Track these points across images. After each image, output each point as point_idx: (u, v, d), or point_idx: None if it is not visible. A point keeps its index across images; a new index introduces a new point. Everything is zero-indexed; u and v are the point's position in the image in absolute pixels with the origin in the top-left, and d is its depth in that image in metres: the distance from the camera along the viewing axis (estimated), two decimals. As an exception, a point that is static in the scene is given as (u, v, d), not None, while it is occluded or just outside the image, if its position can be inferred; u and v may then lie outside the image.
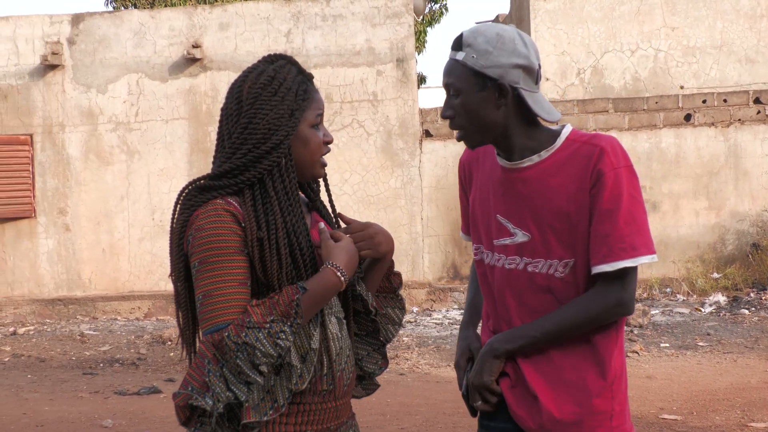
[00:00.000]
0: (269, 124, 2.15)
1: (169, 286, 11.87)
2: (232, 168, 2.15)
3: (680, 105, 11.83)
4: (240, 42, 12.04)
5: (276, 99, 2.17)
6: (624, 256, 2.25)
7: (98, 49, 12.09)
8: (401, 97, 11.96)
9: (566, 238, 2.31)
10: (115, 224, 12.05)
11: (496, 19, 15.74)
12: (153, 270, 12.02)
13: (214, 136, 11.93)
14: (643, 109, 11.83)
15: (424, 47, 23.10)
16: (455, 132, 2.37)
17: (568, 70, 12.43)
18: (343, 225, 2.34)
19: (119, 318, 11.72)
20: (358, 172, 11.93)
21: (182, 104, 12.05)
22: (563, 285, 2.33)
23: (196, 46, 11.93)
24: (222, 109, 2.24)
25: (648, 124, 11.83)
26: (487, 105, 2.30)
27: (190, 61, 12.01)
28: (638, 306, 9.93)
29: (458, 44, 2.33)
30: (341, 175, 11.83)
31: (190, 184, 2.20)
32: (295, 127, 2.17)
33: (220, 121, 2.23)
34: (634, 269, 2.29)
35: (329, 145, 2.27)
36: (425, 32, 22.82)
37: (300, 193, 2.32)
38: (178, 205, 2.20)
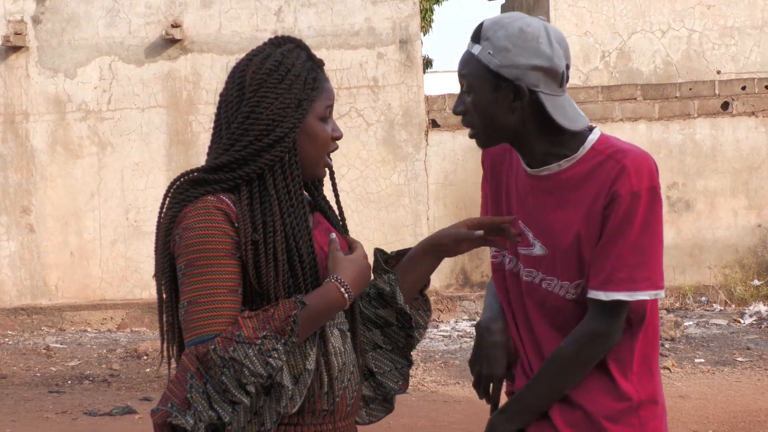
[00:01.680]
0: (274, 114, 2.16)
1: (145, 294, 11.87)
2: (230, 161, 2.15)
3: (717, 92, 11.83)
4: (225, 21, 12.04)
5: (282, 87, 2.17)
6: (622, 287, 2.27)
7: (66, 28, 12.10)
8: (405, 82, 11.96)
9: (577, 260, 2.33)
10: (84, 224, 12.06)
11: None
12: (127, 276, 12.03)
13: (195, 127, 11.94)
14: (676, 97, 11.83)
15: (431, 27, 23.10)
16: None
17: (592, 52, 12.43)
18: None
19: (89, 329, 11.73)
20: (357, 167, 11.93)
21: (160, 90, 12.05)
22: (576, 307, 2.36)
23: (175, 25, 11.94)
24: (221, 95, 2.24)
25: (681, 113, 11.83)
26: (501, 107, 2.31)
27: (169, 43, 12.02)
28: (670, 317, 9.94)
29: (476, 35, 2.33)
30: (337, 171, 11.82)
31: (182, 176, 2.20)
32: (302, 119, 2.18)
33: (218, 109, 2.24)
34: (627, 304, 2.30)
35: (337, 142, 2.27)
36: (432, 10, 22.82)
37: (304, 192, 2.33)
38: (167, 199, 2.20)
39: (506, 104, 2.30)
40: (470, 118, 2.35)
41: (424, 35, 22.39)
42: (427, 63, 24.08)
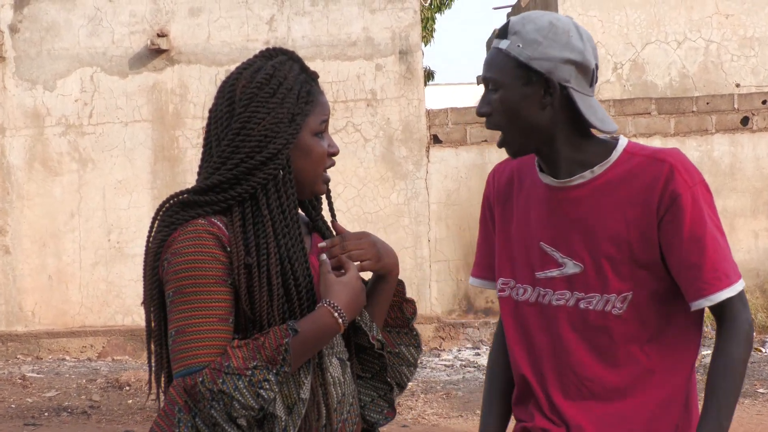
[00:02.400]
0: (266, 130, 2.17)
1: (127, 321, 11.85)
2: (221, 181, 2.16)
3: (736, 106, 11.85)
4: (214, 30, 12.07)
5: (274, 101, 2.18)
6: (721, 285, 2.28)
7: (46, 38, 12.12)
8: (405, 96, 11.98)
9: (624, 269, 2.33)
10: (63, 246, 12.05)
11: (518, 4, 15.79)
12: (108, 301, 12.00)
13: (182, 142, 11.94)
14: (692, 111, 11.85)
15: (432, 37, 23.17)
16: (497, 139, 2.40)
17: (603, 64, 12.46)
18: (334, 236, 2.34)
19: (68, 358, 11.69)
20: (354, 185, 11.93)
21: (145, 104, 12.07)
22: (622, 324, 2.35)
23: (161, 35, 11.96)
24: (210, 111, 2.25)
25: (697, 128, 11.85)
26: (531, 103, 2.31)
27: (155, 53, 12.04)
28: (687, 345, 9.91)
29: (504, 32, 2.34)
30: (333, 189, 11.78)
31: (171, 198, 2.21)
32: (295, 135, 2.19)
33: (208, 125, 2.24)
34: (738, 297, 2.30)
35: (334, 158, 2.28)
36: (433, 19, 22.89)
37: (299, 211, 2.32)
38: (156, 222, 2.21)
39: (537, 100, 2.31)
40: (497, 118, 2.35)
41: (426, 46, 22.47)
42: (429, 75, 24.14)
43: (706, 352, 10.36)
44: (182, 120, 12.01)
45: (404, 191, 11.97)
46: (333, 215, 2.38)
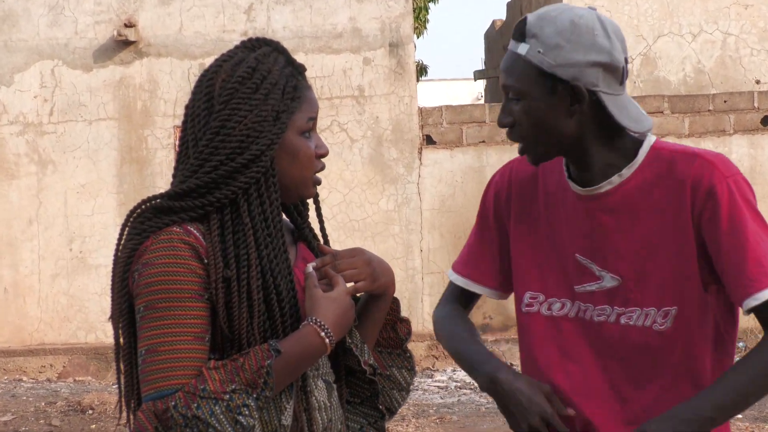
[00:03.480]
0: (247, 129, 2.16)
1: (90, 338, 11.81)
2: (198, 185, 2.15)
3: (756, 105, 11.88)
4: (186, 20, 12.06)
5: (257, 97, 2.17)
6: (759, 285, 2.24)
7: (2, 28, 12.10)
8: (395, 92, 11.98)
9: (664, 280, 2.33)
10: (21, 256, 12.01)
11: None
12: (70, 316, 11.97)
13: (151, 142, 11.93)
14: (708, 110, 11.88)
15: (425, 28, 23.18)
16: (517, 144, 2.39)
17: (612, 58, 12.47)
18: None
19: (25, 378, 11.66)
20: (339, 190, 11.93)
21: (111, 100, 12.05)
22: (664, 341, 2.34)
23: (129, 25, 11.95)
24: (187, 108, 2.24)
25: (714, 128, 11.88)
26: (557, 113, 2.31)
27: (122, 45, 12.02)
28: (702, 365, 9.92)
29: (521, 33, 2.33)
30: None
31: (143, 203, 2.20)
32: (280, 134, 2.18)
33: (184, 124, 2.23)
34: None
35: (323, 159, 2.27)
36: (426, 9, 22.91)
37: (284, 217, 2.32)
38: (126, 230, 2.20)
39: (563, 109, 2.31)
40: (521, 130, 2.34)
41: (418, 38, 22.48)
42: (421, 70, 24.16)
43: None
44: (152, 118, 11.99)
45: (394, 197, 11.97)
46: (321, 222, 2.37)
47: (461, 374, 11.15)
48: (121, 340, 2.20)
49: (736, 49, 12.46)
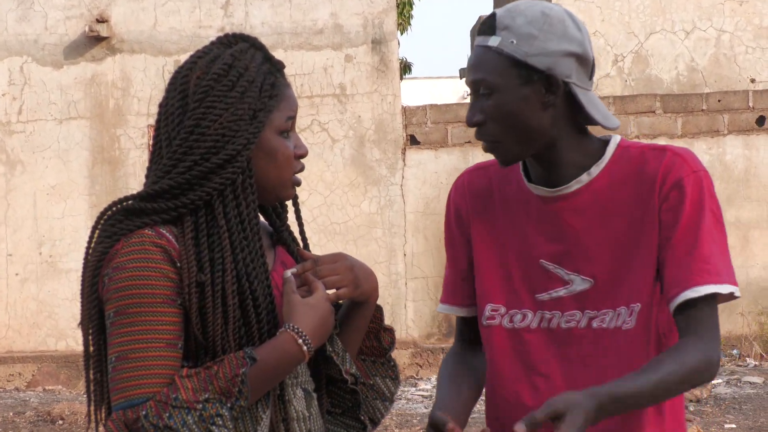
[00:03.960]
0: (223, 128, 2.15)
1: (60, 345, 11.78)
2: (172, 186, 2.14)
3: (751, 104, 11.93)
4: (161, 15, 12.05)
5: (233, 95, 2.16)
6: (710, 279, 2.25)
7: (-31, 23, 12.07)
8: (378, 91, 11.99)
9: (638, 277, 2.34)
10: (-12, 260, 11.98)
11: (506, -12, 15.86)
12: (39, 323, 11.94)
13: (124, 142, 11.90)
14: (702, 110, 11.92)
15: (409, 24, 23.20)
16: (482, 142, 2.39)
17: (602, 56, 12.52)
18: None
19: (-7, 388, 11.63)
20: (320, 192, 11.93)
21: (82, 98, 12.02)
22: (629, 341, 2.35)
23: (101, 20, 11.93)
24: (160, 106, 2.23)
25: (708, 129, 11.92)
26: (532, 104, 2.32)
27: (94, 41, 12.00)
28: (695, 373, 9.95)
29: (490, 27, 2.34)
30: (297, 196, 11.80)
31: (115, 204, 2.19)
32: (257, 134, 2.17)
33: (158, 123, 2.22)
34: (720, 300, 2.29)
35: (302, 160, 2.26)
36: (411, 4, 22.93)
37: (261, 219, 2.31)
38: (96, 232, 2.18)
39: (538, 101, 2.31)
40: (492, 126, 2.34)
41: (402, 34, 22.51)
42: (405, 67, 24.18)
43: (717, 381, 10.41)
44: (124, 117, 11.96)
45: (377, 199, 11.98)
46: (300, 225, 2.37)
47: (446, 383, 11.16)
48: (91, 347, 2.19)
49: (731, 47, 12.50)
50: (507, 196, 2.48)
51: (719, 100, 11.92)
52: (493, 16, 2.36)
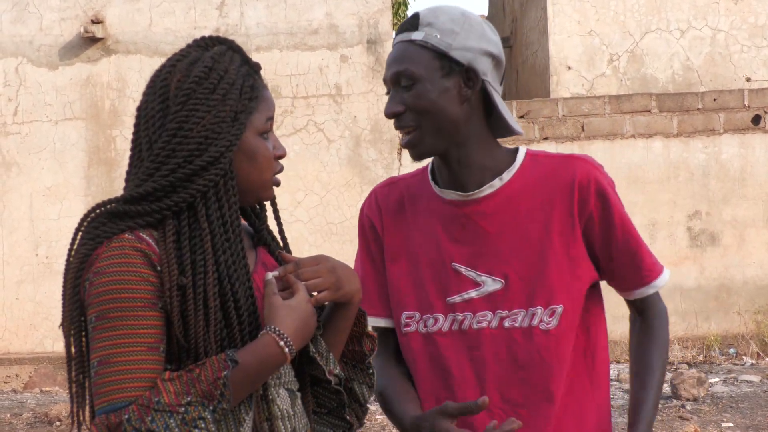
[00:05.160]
0: (206, 130, 2.15)
1: (57, 347, 11.77)
2: (155, 189, 2.14)
3: (746, 103, 11.94)
4: (156, 16, 12.04)
5: (215, 97, 2.17)
6: (659, 271, 2.56)
7: (-36, 24, 12.06)
8: (374, 91, 11.99)
9: (552, 279, 2.43)
10: (-16, 262, 11.97)
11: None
12: (36, 324, 11.93)
13: (120, 143, 11.90)
14: (698, 109, 11.92)
15: (405, 24, 23.17)
16: (401, 136, 2.48)
17: (598, 55, 12.53)
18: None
19: (-11, 389, 11.62)
20: (316, 192, 11.93)
21: (78, 99, 12.02)
22: (551, 341, 2.43)
23: (96, 21, 11.92)
24: (139, 110, 2.24)
25: (704, 128, 11.93)
26: (450, 96, 2.41)
27: (89, 42, 12.00)
28: (692, 373, 9.98)
29: (413, 24, 2.45)
30: (292, 196, 11.81)
31: (98, 207, 2.19)
32: (239, 136, 2.18)
33: (137, 126, 2.23)
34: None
35: (281, 161, 2.27)
36: (406, 4, 22.95)
37: (242, 220, 2.32)
38: (79, 235, 2.18)
39: (456, 93, 2.41)
40: (410, 116, 2.42)
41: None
42: (401, 67, 24.14)
43: (714, 380, 10.42)
44: (120, 118, 11.96)
45: (373, 199, 11.96)
46: (279, 225, 2.38)
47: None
48: (73, 348, 2.19)
49: (726, 46, 12.52)
50: (418, 206, 2.56)
51: (715, 99, 11.92)
52: (416, 14, 2.46)
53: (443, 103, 2.40)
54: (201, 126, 2.16)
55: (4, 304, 11.95)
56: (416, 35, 2.42)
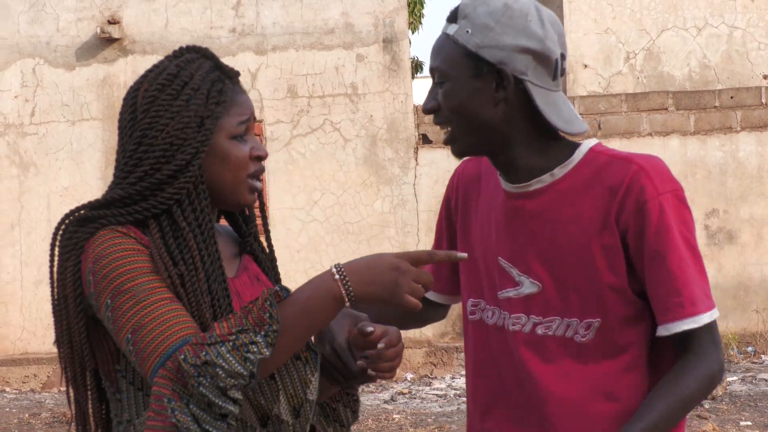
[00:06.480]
0: (170, 137, 2.17)
1: (75, 346, 11.80)
2: (123, 196, 2.17)
3: (763, 101, 11.91)
4: (172, 16, 12.06)
5: (178, 103, 2.18)
6: (683, 313, 2.22)
7: (-19, 25, 12.10)
8: (390, 90, 11.99)
9: (589, 290, 2.29)
10: (2, 262, 12.00)
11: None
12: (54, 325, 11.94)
13: (137, 143, 11.92)
14: (715, 107, 11.90)
15: (420, 23, 23.18)
16: (442, 133, 2.39)
17: (614, 53, 12.51)
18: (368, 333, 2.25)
19: (8, 389, 11.66)
20: (332, 192, 11.93)
21: (94, 100, 12.05)
22: (586, 353, 2.30)
23: (113, 21, 11.95)
24: (118, 120, 2.28)
25: (721, 126, 11.90)
26: (481, 98, 2.28)
27: (106, 42, 12.02)
28: (710, 371, 9.94)
29: (453, 15, 2.32)
30: (309, 196, 11.82)
31: (68, 216, 2.22)
32: (206, 141, 2.18)
33: (118, 135, 2.27)
34: (705, 330, 2.24)
35: (262, 162, 2.27)
36: (422, 3, 22.92)
37: (226, 224, 2.35)
38: (55, 249, 2.20)
39: (488, 95, 2.27)
40: (445, 114, 2.33)
41: (413, 33, 22.49)
42: (417, 66, 24.15)
43: (732, 378, 10.41)
44: (137, 118, 11.97)
45: (390, 198, 11.97)
46: (267, 233, 2.40)
47: (461, 382, 11.16)
48: (72, 352, 2.22)
49: (743, 43, 12.48)
50: (487, 188, 2.47)
51: (732, 97, 11.90)
52: (459, 4, 2.33)
53: (474, 104, 2.28)
54: (165, 133, 2.17)
55: (22, 305, 11.99)
56: (451, 29, 2.29)
